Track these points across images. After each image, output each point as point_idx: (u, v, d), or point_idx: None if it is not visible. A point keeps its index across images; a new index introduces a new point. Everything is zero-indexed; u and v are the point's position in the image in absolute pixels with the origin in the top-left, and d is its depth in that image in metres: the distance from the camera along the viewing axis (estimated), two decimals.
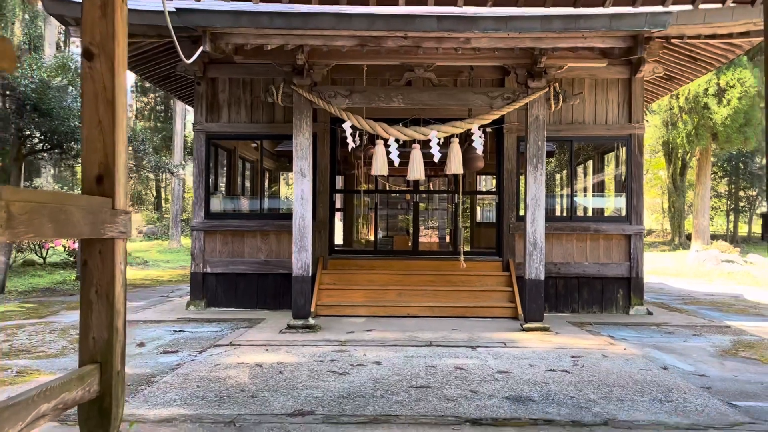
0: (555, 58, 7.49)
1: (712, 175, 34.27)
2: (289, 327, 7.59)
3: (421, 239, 10.25)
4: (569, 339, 7.21)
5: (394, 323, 8.24)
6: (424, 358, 6.18)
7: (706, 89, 27.42)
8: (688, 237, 34.25)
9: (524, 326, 7.59)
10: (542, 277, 7.64)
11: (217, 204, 10.02)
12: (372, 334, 7.37)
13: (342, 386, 5.07)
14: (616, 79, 9.61)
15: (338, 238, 15.71)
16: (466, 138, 8.67)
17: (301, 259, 7.63)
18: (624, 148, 9.70)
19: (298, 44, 6.81)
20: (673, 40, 8.64)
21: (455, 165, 7.59)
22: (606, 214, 10.56)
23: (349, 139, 7.69)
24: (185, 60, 5.62)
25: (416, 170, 7.62)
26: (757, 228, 44.18)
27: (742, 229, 42.37)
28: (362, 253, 10.06)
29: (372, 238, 10.37)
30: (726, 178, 40.10)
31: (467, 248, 12.53)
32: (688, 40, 8.54)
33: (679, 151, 31.99)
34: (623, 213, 9.64)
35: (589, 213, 10.94)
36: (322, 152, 9.59)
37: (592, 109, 9.63)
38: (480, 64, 7.89)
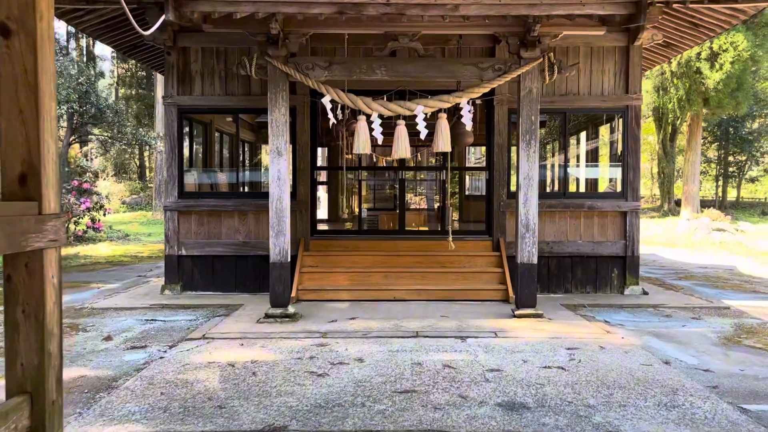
0: (550, 26, 6.94)
1: (702, 141, 33.91)
2: (267, 316, 7.15)
3: (407, 217, 9.80)
4: (563, 327, 6.83)
5: (379, 309, 7.82)
6: (410, 353, 5.77)
7: (699, 53, 26.85)
8: (677, 203, 34.06)
9: (516, 313, 7.20)
10: (535, 260, 7.22)
11: (191, 182, 9.47)
12: (355, 323, 6.95)
13: (320, 392, 4.65)
14: (613, 47, 9.07)
15: (323, 214, 15.24)
16: (454, 112, 8.16)
17: (279, 243, 7.15)
18: (620, 120, 9.21)
19: (270, 12, 6.21)
20: (674, 5, 8.09)
21: (443, 142, 7.08)
22: (601, 190, 10.14)
23: (330, 114, 7.15)
24: (141, 31, 5.04)
25: (401, 147, 7.10)
26: (745, 193, 44.16)
27: (731, 194, 42.30)
28: (346, 234, 9.60)
29: (357, 216, 9.85)
30: (716, 144, 39.82)
31: (456, 227, 12.09)
32: (690, 5, 7.99)
33: (670, 116, 31.54)
34: (619, 188, 9.20)
35: (584, 189, 10.50)
36: (302, 127, 9.04)
37: (587, 80, 9.10)
38: (470, 32, 7.34)
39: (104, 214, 18.86)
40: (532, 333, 6.51)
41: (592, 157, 10.96)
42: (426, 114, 7.08)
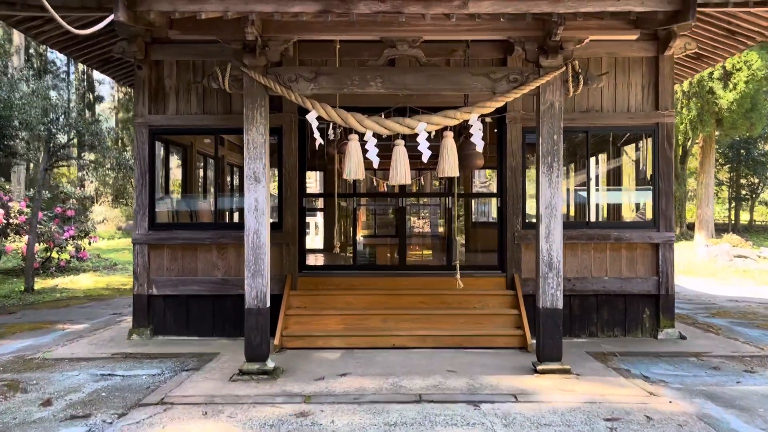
0: (574, 28, 5.90)
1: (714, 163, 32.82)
2: (242, 373, 6.01)
3: (409, 250, 8.69)
4: (597, 387, 5.67)
5: (376, 360, 6.69)
6: (412, 427, 4.63)
7: (711, 73, 25.92)
8: (690, 227, 32.87)
9: (538, 368, 6.05)
10: (560, 305, 6.09)
11: (164, 212, 8.41)
12: (346, 382, 5.81)
13: None
14: (640, 57, 8.04)
15: (318, 242, 14.13)
16: (461, 131, 7.12)
17: (256, 286, 6.04)
18: (649, 140, 8.14)
19: (241, 11, 5.19)
20: (709, 9, 7.05)
21: (449, 165, 6.01)
22: (629, 218, 9.03)
23: (316, 134, 6.09)
24: (71, 29, 4.01)
25: (400, 172, 6.03)
26: (758, 216, 42.91)
27: (743, 218, 41.06)
28: (339, 269, 8.49)
29: (351, 249, 8.75)
30: (727, 165, 38.74)
31: (463, 259, 10.96)
32: (731, 9, 6.95)
33: (681, 138, 30.51)
34: (649, 217, 8.10)
35: (608, 217, 9.40)
36: (289, 148, 7.99)
37: (611, 94, 8.05)
38: (479, 37, 6.30)
39: (89, 243, 17.83)
40: (559, 396, 5.36)
41: (617, 180, 9.88)
42: (429, 133, 6.02)
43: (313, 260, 11.36)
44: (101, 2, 6.00)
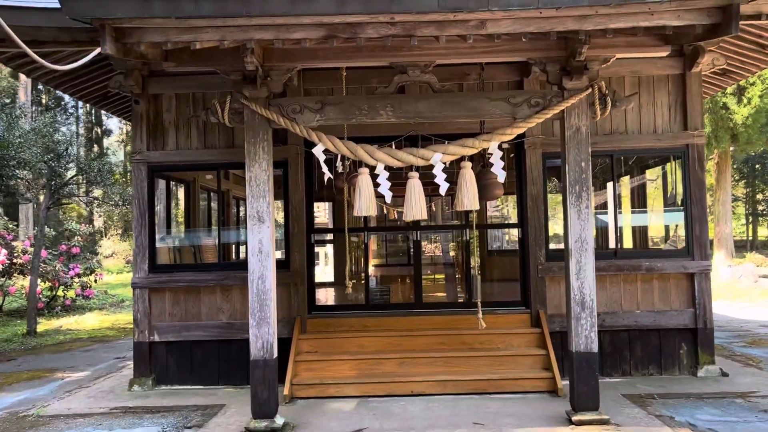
0: (600, 47, 5.45)
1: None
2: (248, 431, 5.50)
3: (425, 286, 8.18)
4: None
5: (394, 411, 6.15)
6: None
7: (724, 88, 25.52)
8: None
9: (573, 418, 5.49)
10: (595, 347, 5.56)
11: (165, 252, 7.97)
12: None
13: None
14: (665, 75, 7.58)
15: (328, 275, 13.63)
16: (480, 159, 6.67)
17: (262, 335, 5.55)
18: (678, 162, 7.64)
19: (239, 39, 4.78)
20: (741, 22, 6.59)
21: (468, 198, 5.53)
22: (660, 246, 8.49)
23: (324, 168, 5.65)
24: (48, 65, 3.60)
25: (415, 207, 5.55)
26: None
27: (761, 234, 40.22)
28: (351, 310, 7.99)
29: (363, 287, 8.27)
30: (743, 181, 38.08)
31: (483, 295, 10.37)
32: (763, 22, 6.48)
33: None
34: (682, 245, 7.57)
35: (634, 244, 8.87)
36: (296, 183, 7.56)
37: (635, 115, 7.58)
38: (496, 59, 5.87)
39: (95, 280, 17.42)
40: None
41: (643, 205, 9.37)
42: (445, 164, 5.56)
43: (323, 296, 10.88)
44: (93, 36, 5.62)
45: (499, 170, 5.60)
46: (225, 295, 7.55)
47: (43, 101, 34.40)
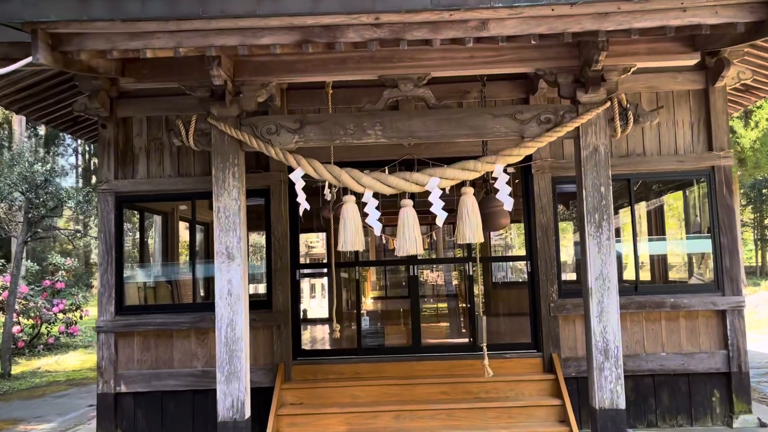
0: (618, 55, 4.76)
1: None
2: None
3: (424, 326, 7.36)
4: None
5: None
6: None
7: (746, 106, 24.97)
8: None
9: None
10: (622, 403, 4.76)
11: (135, 292, 7.20)
12: None
13: None
14: (686, 91, 6.87)
15: (322, 310, 12.82)
16: (482, 185, 5.94)
17: (231, 392, 4.75)
18: (703, 186, 6.90)
19: (199, 46, 4.08)
20: None
21: (471, 229, 4.77)
22: (686, 280, 7.70)
23: (301, 197, 4.91)
24: None
25: (409, 239, 4.79)
26: None
27: None
28: (341, 354, 7.14)
29: (355, 329, 7.46)
30: (750, 206, 37.30)
31: (490, 337, 9.50)
32: None
33: None
34: (710, 278, 6.78)
35: (653, 277, 8.07)
36: (278, 214, 6.81)
37: (654, 135, 6.86)
38: (499, 70, 5.13)
39: (81, 316, 16.58)
40: None
41: (662, 233, 8.59)
42: (443, 190, 4.82)
43: (313, 337, 10.07)
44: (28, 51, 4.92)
45: (505, 197, 4.85)
46: (200, 339, 6.76)
47: (42, 132, 33.85)
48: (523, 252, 7.30)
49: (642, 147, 6.82)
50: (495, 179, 4.97)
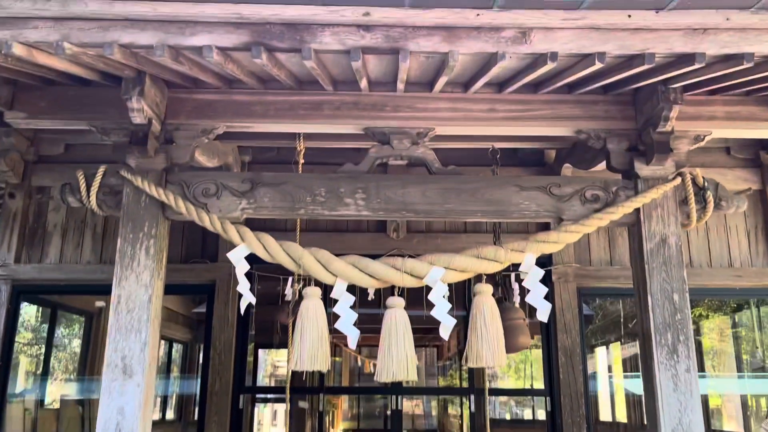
0: (689, 118, 3.51)
1: None
2: None
3: None
4: None
5: None
6: None
7: None
8: None
9: None
10: None
11: (18, 416, 5.40)
12: None
13: None
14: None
15: None
16: (500, 283, 4.47)
17: None
18: (765, 309, 5.49)
19: (95, 43, 2.68)
20: None
21: (489, 347, 3.23)
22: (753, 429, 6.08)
23: (243, 286, 3.39)
24: None
25: (395, 358, 3.24)
26: None
27: None
28: None
29: None
30: None
31: None
32: None
33: None
34: None
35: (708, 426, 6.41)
36: (223, 318, 5.20)
37: (701, 241, 5.53)
38: (527, 131, 3.78)
39: None
40: None
41: (702, 368, 7.03)
42: (450, 287, 3.33)
43: None
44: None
45: (539, 300, 3.35)
46: None
47: None
48: (538, 383, 5.70)
49: (688, 256, 5.47)
50: (518, 277, 3.51)
